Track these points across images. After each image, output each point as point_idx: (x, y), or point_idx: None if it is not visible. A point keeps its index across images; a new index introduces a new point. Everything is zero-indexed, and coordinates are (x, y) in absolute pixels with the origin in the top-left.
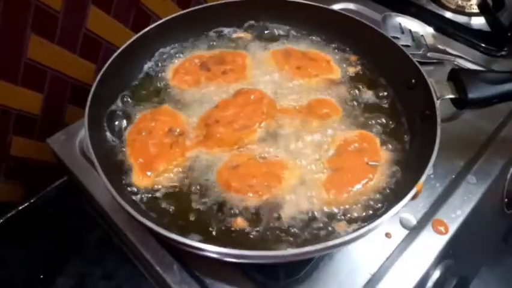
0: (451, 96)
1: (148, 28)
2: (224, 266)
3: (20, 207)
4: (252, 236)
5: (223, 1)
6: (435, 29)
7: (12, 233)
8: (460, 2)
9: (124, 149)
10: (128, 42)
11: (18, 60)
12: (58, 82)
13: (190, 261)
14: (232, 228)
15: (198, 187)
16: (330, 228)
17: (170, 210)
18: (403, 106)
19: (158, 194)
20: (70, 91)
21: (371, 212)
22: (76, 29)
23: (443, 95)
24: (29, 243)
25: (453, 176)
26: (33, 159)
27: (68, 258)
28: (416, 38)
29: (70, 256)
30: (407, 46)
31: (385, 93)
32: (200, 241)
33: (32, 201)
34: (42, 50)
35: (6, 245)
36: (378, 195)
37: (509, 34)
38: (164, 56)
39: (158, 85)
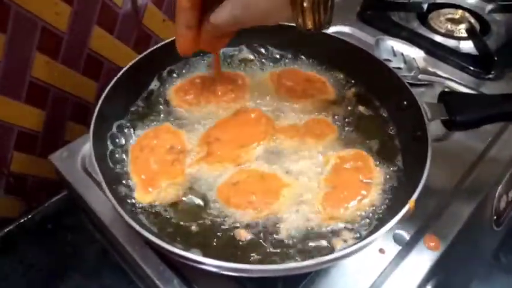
0: (441, 117)
1: (150, 49)
2: (223, 280)
3: (19, 222)
4: (251, 251)
5: None
6: (426, 52)
7: (11, 247)
8: (449, 27)
9: (127, 166)
10: (131, 63)
11: (23, 78)
12: (60, 99)
13: (190, 276)
14: (233, 241)
15: (199, 203)
16: (326, 244)
17: (171, 225)
18: (396, 126)
19: (160, 210)
20: (72, 108)
21: (365, 228)
22: (80, 48)
23: (433, 117)
24: (27, 258)
25: (445, 194)
26: (33, 175)
27: (66, 273)
28: (407, 61)
29: (67, 271)
30: (399, 68)
31: (379, 114)
32: (200, 255)
33: (30, 216)
34: (47, 68)
35: (4, 259)
36: (372, 212)
37: (495, 58)
38: (166, 76)
39: (161, 104)
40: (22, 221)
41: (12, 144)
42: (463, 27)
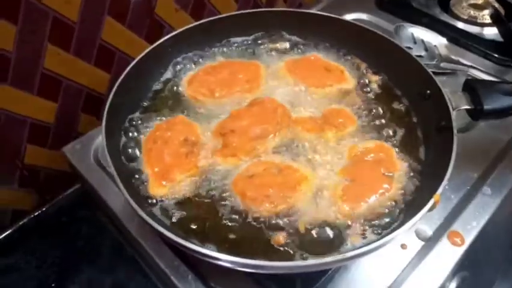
0: (467, 107)
1: (163, 39)
2: (239, 276)
3: (33, 215)
4: (267, 246)
5: (236, 12)
6: (448, 40)
7: (25, 240)
8: (472, 13)
9: (140, 158)
10: (144, 53)
11: (35, 70)
12: (73, 91)
13: (205, 271)
14: (249, 236)
15: (214, 197)
16: (346, 239)
17: (185, 219)
18: (418, 116)
19: (173, 203)
20: (84, 100)
21: (387, 223)
22: (92, 39)
23: (458, 106)
24: (41, 251)
25: (468, 187)
26: (46, 168)
27: (80, 267)
28: (429, 49)
29: (81, 264)
30: (420, 56)
31: (400, 104)
32: (215, 250)
33: (44, 209)
34: (59, 60)
35: (18, 252)
36: (394, 206)
37: None
38: (179, 67)
39: (174, 95)
40: (36, 213)
41: (26, 136)
42: (486, 12)
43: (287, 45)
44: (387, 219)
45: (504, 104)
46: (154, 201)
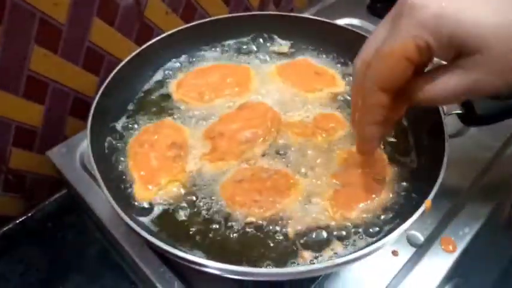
0: (459, 111)
1: (152, 41)
2: (226, 283)
3: (18, 221)
4: (255, 252)
5: (227, 15)
6: None
7: (10, 247)
8: None
9: (126, 162)
10: (132, 55)
11: (21, 72)
12: (60, 94)
13: (192, 278)
14: (238, 242)
15: (201, 201)
16: (336, 245)
17: (172, 225)
18: (409, 121)
19: (160, 208)
20: (71, 103)
21: (377, 228)
22: (79, 41)
23: (450, 111)
24: (26, 258)
25: (460, 193)
26: (32, 172)
27: (66, 274)
28: None
29: (67, 272)
30: None
31: None
32: (203, 257)
33: (30, 214)
34: (45, 61)
35: (3, 259)
36: (385, 212)
37: None
38: (168, 69)
39: (162, 98)
40: (22, 219)
41: (10, 140)
42: None
43: (278, 49)
44: (377, 225)
45: (497, 109)
46: (140, 206)
